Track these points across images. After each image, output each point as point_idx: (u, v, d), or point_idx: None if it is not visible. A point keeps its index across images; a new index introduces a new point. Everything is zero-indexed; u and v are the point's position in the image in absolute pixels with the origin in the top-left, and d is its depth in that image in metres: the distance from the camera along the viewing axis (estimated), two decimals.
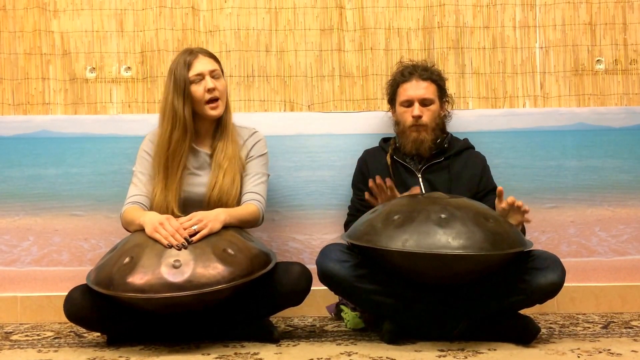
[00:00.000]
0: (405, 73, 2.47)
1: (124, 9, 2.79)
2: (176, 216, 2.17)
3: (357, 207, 2.45)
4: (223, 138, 2.33)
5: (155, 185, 2.28)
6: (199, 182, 2.31)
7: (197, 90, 2.28)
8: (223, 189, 2.26)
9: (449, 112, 2.54)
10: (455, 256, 1.92)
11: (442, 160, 2.44)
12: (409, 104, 2.44)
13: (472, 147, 2.53)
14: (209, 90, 2.28)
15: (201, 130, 2.36)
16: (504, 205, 2.13)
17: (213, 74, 2.31)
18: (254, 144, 2.40)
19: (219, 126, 2.36)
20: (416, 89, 2.43)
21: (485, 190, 2.40)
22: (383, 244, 1.98)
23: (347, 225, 2.46)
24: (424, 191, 2.37)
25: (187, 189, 2.29)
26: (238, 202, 2.30)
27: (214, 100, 2.30)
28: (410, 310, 2.09)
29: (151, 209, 2.26)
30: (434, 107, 2.44)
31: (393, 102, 2.52)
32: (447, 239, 1.93)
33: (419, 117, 2.40)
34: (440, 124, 2.47)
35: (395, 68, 2.57)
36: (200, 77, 2.29)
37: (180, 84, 2.26)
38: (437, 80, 2.48)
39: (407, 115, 2.43)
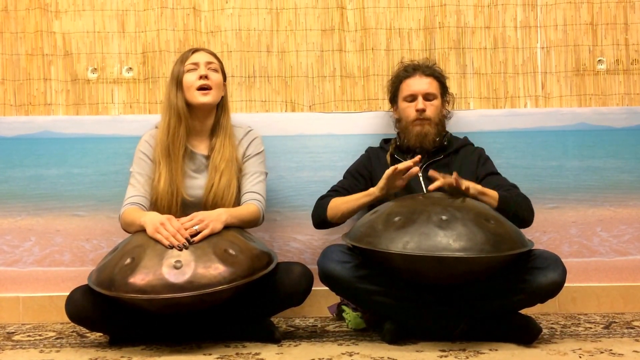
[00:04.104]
0: (409, 69, 2.51)
1: (125, 9, 2.79)
2: (184, 199, 2.17)
3: (340, 191, 2.43)
4: (220, 139, 2.33)
5: (158, 175, 2.27)
6: (197, 185, 2.31)
7: (189, 77, 2.31)
8: (219, 192, 2.26)
9: (449, 112, 2.55)
10: (456, 258, 1.92)
11: (442, 158, 2.45)
12: (412, 98, 2.45)
13: (471, 144, 2.54)
14: (201, 77, 2.30)
15: (197, 127, 2.36)
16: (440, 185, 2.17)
17: (209, 66, 2.33)
18: (250, 143, 2.40)
19: (216, 127, 2.36)
20: (420, 83, 2.46)
21: (484, 173, 2.39)
22: (383, 246, 1.98)
23: (321, 199, 2.43)
24: (424, 190, 2.37)
25: (186, 191, 2.29)
26: (234, 204, 2.30)
27: (205, 87, 2.30)
28: (411, 310, 2.09)
29: (155, 199, 2.27)
30: (437, 102, 2.47)
31: (395, 99, 2.54)
32: (448, 241, 1.93)
33: (423, 110, 2.42)
34: (442, 121, 2.49)
35: (397, 67, 2.59)
36: (195, 66, 2.32)
37: (175, 75, 2.33)
38: (439, 77, 2.51)
39: (411, 110, 2.44)
